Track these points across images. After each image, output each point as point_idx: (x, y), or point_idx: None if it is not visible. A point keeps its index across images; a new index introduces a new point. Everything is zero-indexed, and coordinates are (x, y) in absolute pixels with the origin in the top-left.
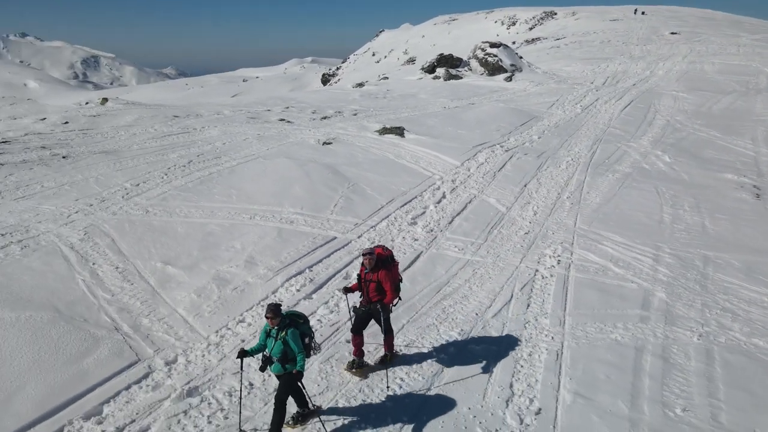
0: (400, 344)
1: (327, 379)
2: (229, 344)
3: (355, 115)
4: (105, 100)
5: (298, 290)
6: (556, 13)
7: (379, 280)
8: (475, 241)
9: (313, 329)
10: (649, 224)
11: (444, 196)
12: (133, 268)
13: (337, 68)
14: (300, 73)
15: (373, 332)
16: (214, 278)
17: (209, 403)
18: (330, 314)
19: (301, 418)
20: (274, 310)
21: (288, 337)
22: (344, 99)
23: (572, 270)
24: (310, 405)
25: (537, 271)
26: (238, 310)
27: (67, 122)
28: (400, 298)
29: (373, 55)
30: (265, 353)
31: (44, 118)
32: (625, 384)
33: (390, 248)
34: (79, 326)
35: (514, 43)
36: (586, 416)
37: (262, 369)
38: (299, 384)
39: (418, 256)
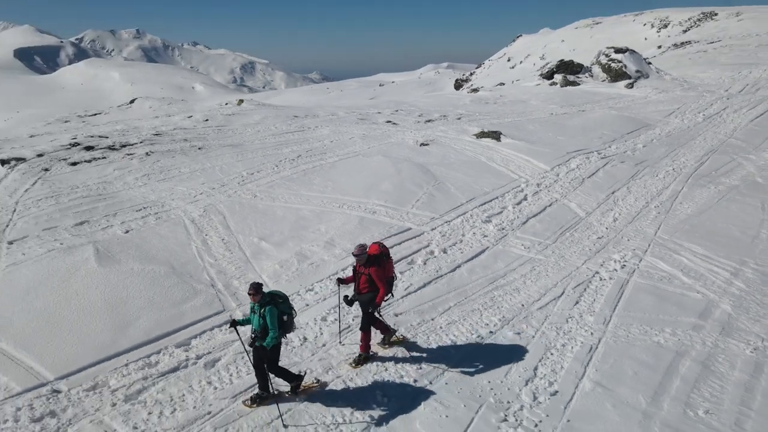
0: (442, 323)
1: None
2: (296, 306)
3: (459, 119)
4: (241, 101)
5: None
6: (716, 14)
7: (369, 274)
8: (543, 242)
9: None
10: (741, 239)
11: (525, 198)
12: (235, 241)
13: (471, 74)
14: (434, 79)
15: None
16: (297, 254)
17: None
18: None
19: (259, 399)
20: (255, 287)
21: (266, 313)
22: (454, 104)
23: (635, 275)
24: (271, 390)
25: (597, 273)
26: (310, 281)
27: (207, 119)
28: (392, 295)
29: (509, 60)
30: (253, 330)
31: (191, 116)
32: (651, 382)
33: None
34: (185, 280)
35: (659, 47)
36: (601, 403)
37: (251, 344)
38: (267, 363)
39: (483, 251)
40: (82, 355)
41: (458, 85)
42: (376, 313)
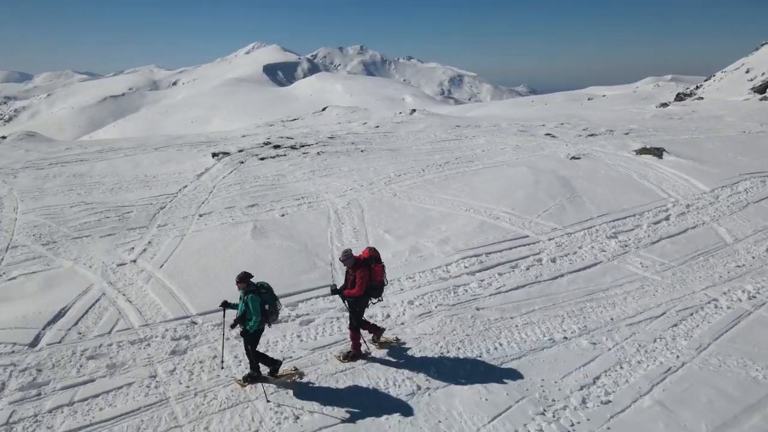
0: (520, 323)
1: (443, 328)
2: (393, 289)
3: (627, 134)
4: (413, 110)
5: (466, 267)
6: None
7: (354, 276)
8: (667, 263)
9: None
10: None
11: (667, 218)
12: (364, 231)
13: (696, 87)
14: (652, 93)
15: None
16: (411, 247)
17: None
18: (477, 288)
19: (251, 379)
20: (240, 276)
21: (248, 300)
22: (632, 119)
23: (763, 308)
24: (260, 370)
25: (714, 300)
26: (413, 270)
27: (377, 126)
28: (381, 299)
29: (747, 71)
30: (237, 312)
31: (365, 123)
32: (724, 413)
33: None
34: (311, 258)
35: None
36: (653, 421)
37: (233, 326)
38: (249, 346)
39: (593, 264)
40: (218, 301)
41: (680, 99)
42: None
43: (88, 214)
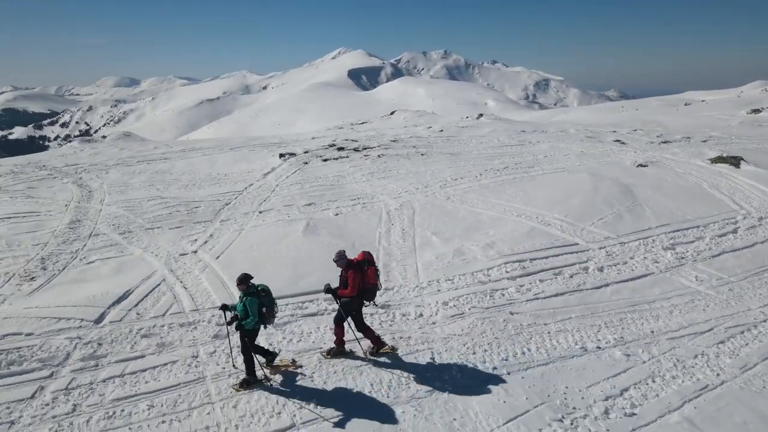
0: (553, 329)
1: (472, 329)
2: (430, 290)
3: (705, 141)
4: (480, 115)
5: (507, 272)
6: None
7: (346, 278)
8: (725, 277)
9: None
10: None
11: (734, 231)
12: (412, 232)
13: None
14: (759, 98)
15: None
16: (456, 250)
17: (387, 315)
18: (515, 293)
19: (246, 384)
20: (240, 278)
21: (246, 302)
22: (715, 126)
23: None
24: (256, 375)
25: None
26: (454, 273)
27: (442, 130)
28: (375, 304)
29: None
30: (235, 312)
31: (430, 127)
32: None
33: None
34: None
35: None
36: None
37: (229, 323)
38: (251, 344)
39: (643, 276)
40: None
41: None
42: (357, 321)
43: (162, 207)
